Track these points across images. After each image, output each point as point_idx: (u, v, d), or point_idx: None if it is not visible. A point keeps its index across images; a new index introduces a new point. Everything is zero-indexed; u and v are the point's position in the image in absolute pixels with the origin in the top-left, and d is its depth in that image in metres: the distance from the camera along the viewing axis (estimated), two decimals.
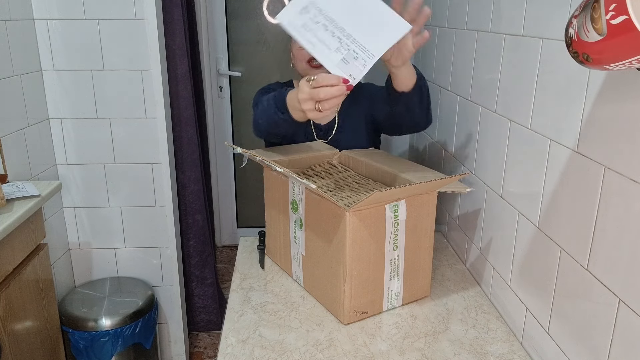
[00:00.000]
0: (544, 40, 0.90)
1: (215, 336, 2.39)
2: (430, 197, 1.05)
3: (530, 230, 0.95)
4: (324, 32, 0.95)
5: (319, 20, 0.95)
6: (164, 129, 1.90)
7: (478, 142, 1.20)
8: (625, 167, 0.68)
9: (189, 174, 2.14)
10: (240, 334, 1.00)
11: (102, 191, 1.96)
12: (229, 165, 3.07)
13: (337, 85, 0.92)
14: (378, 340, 0.98)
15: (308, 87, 0.96)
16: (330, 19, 0.94)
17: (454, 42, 1.36)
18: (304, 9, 0.96)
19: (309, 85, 0.96)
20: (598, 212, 0.75)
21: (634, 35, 0.48)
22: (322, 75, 0.93)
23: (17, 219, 1.32)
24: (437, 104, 1.50)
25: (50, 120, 1.87)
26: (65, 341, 1.79)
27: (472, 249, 1.25)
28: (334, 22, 0.94)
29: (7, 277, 1.35)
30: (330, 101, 0.94)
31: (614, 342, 0.72)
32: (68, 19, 1.77)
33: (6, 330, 1.33)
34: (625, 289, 0.69)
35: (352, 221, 0.95)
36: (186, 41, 2.02)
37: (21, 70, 1.68)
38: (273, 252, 1.28)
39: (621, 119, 0.69)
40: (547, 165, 0.89)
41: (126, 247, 2.04)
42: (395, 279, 1.05)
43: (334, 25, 0.94)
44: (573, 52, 0.59)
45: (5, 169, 1.55)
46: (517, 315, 1.01)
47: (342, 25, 0.94)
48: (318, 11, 0.95)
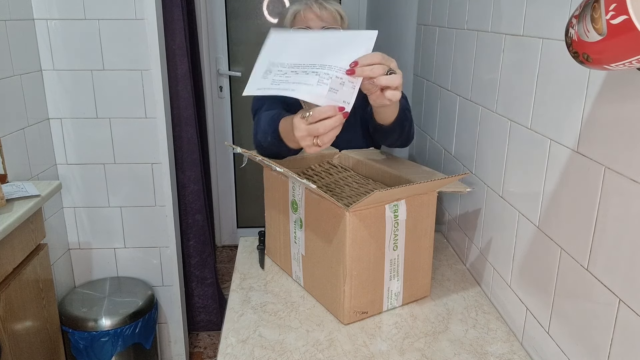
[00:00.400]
0: (544, 40, 0.90)
1: (215, 336, 2.39)
2: (430, 197, 1.05)
3: (530, 230, 0.95)
4: (296, 75, 0.90)
5: (285, 72, 0.92)
6: (164, 129, 1.90)
7: (478, 142, 1.20)
8: (625, 167, 0.68)
9: (189, 174, 2.14)
10: (240, 334, 1.00)
11: (102, 191, 1.96)
12: (229, 165, 3.08)
13: (333, 116, 0.87)
14: (378, 340, 0.98)
15: (305, 124, 0.90)
16: (296, 65, 0.92)
17: (454, 42, 1.36)
18: (266, 72, 0.93)
19: (305, 121, 0.90)
20: (598, 212, 0.75)
21: (634, 35, 0.48)
22: (317, 110, 0.88)
23: (17, 219, 1.32)
24: (437, 104, 1.50)
25: (50, 120, 1.87)
26: (65, 341, 1.79)
27: (472, 249, 1.25)
28: (301, 64, 0.91)
29: (7, 277, 1.35)
30: (329, 134, 0.89)
31: (614, 342, 0.72)
32: (68, 19, 1.77)
33: (6, 330, 1.33)
34: (626, 289, 0.69)
35: (352, 221, 0.95)
36: (186, 41, 2.02)
37: (21, 70, 1.68)
38: (273, 252, 1.28)
39: (621, 119, 0.69)
40: (547, 165, 0.89)
41: (126, 247, 2.04)
42: (395, 279, 1.05)
43: (303, 66, 0.91)
44: (573, 52, 0.59)
45: (5, 169, 1.55)
46: (517, 315, 1.01)
47: (311, 62, 0.91)
48: (280, 65, 0.93)
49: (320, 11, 1.31)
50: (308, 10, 1.32)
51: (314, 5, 1.32)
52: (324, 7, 1.32)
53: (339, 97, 0.88)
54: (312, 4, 1.32)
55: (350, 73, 0.88)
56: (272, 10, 2.84)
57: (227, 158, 3.06)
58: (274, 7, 2.83)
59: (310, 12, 1.31)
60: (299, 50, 0.94)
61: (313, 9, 1.31)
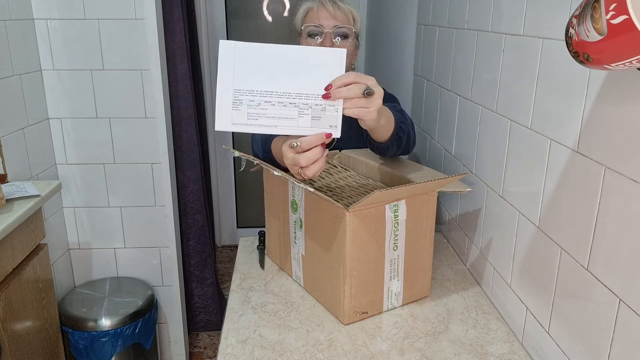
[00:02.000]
0: (544, 40, 0.90)
1: (215, 336, 2.39)
2: (430, 197, 1.05)
3: (531, 230, 0.95)
4: (273, 108, 0.87)
5: (258, 102, 0.87)
6: (164, 129, 1.90)
7: (478, 142, 1.20)
8: (625, 167, 0.68)
9: (189, 174, 2.14)
10: (240, 334, 1.00)
11: (102, 191, 1.96)
12: (228, 165, 3.08)
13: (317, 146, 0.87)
14: (378, 340, 0.98)
15: (292, 154, 0.89)
16: (268, 92, 0.87)
17: (454, 42, 1.35)
18: (236, 102, 0.87)
19: (293, 151, 0.88)
20: (598, 212, 0.75)
21: (634, 35, 0.48)
22: (305, 140, 0.87)
23: (17, 219, 1.32)
24: (437, 104, 1.50)
25: (50, 120, 1.86)
26: (65, 341, 1.79)
27: (472, 249, 1.25)
28: (274, 92, 0.87)
29: (7, 277, 1.35)
30: (312, 167, 0.88)
31: (614, 342, 0.72)
32: (68, 18, 1.77)
33: (6, 330, 1.33)
34: (626, 289, 0.69)
35: (352, 221, 0.95)
36: (186, 41, 2.02)
37: (21, 70, 1.68)
38: (273, 252, 1.28)
39: (621, 119, 0.69)
40: (547, 165, 0.89)
41: (126, 247, 2.04)
42: (395, 279, 1.05)
43: (277, 94, 0.87)
44: (573, 52, 0.59)
45: (5, 169, 1.55)
46: (517, 315, 1.01)
47: (284, 90, 0.86)
48: (249, 93, 0.87)
49: (335, 10, 1.27)
50: (322, 8, 1.28)
51: (328, 4, 1.28)
52: (338, 7, 1.28)
53: (324, 123, 0.87)
54: (327, 2, 1.28)
55: (327, 97, 0.86)
56: (272, 10, 2.84)
57: (227, 158, 3.06)
58: (274, 7, 2.83)
59: (324, 11, 1.27)
60: (266, 73, 0.87)
61: (327, 8, 1.27)
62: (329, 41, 1.27)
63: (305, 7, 1.31)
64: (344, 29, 1.28)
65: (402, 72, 1.93)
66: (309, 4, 1.31)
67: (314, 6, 1.29)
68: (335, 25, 1.27)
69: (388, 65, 2.20)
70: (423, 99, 1.65)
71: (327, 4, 1.28)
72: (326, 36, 1.26)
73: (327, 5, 1.28)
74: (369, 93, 0.86)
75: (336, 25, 1.27)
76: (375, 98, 0.87)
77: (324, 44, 1.27)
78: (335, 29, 1.27)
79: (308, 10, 1.30)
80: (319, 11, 1.28)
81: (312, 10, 1.29)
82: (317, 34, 1.28)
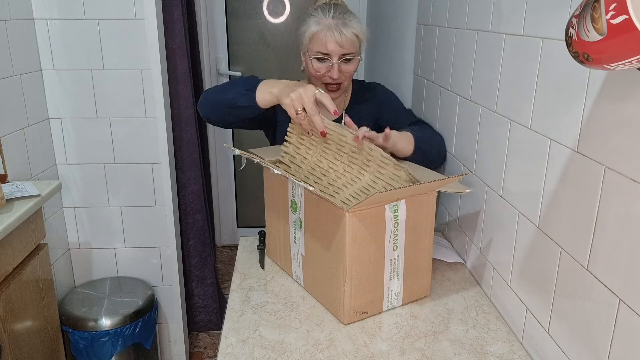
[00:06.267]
0: (544, 40, 0.90)
1: (215, 336, 2.39)
2: (430, 197, 1.05)
3: (531, 230, 0.95)
4: None
5: None
6: (164, 129, 1.90)
7: (478, 142, 1.20)
8: (625, 167, 0.68)
9: (189, 174, 2.14)
10: (240, 334, 1.00)
11: (102, 191, 1.96)
12: (229, 165, 3.08)
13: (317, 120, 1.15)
14: (378, 340, 0.98)
15: (312, 91, 1.15)
16: None
17: (454, 42, 1.35)
18: None
19: (315, 95, 1.16)
20: (598, 212, 0.75)
21: (634, 35, 0.48)
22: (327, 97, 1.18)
23: (17, 219, 1.32)
24: (437, 104, 1.50)
25: (50, 120, 1.87)
26: (65, 341, 1.79)
27: (472, 249, 1.25)
28: None
29: (7, 277, 1.35)
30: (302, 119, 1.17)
31: (614, 342, 0.72)
32: (68, 18, 1.77)
33: (6, 330, 1.33)
34: (626, 289, 0.69)
35: (352, 221, 0.95)
36: (186, 41, 2.02)
37: (21, 70, 1.68)
38: (273, 252, 1.28)
39: (621, 119, 0.69)
40: (547, 165, 0.89)
41: (126, 247, 2.04)
42: (395, 279, 1.05)
43: None
44: (573, 51, 0.59)
45: (5, 168, 1.55)
46: (517, 315, 1.01)
47: None
48: None
49: (341, 37, 1.29)
50: (329, 35, 1.29)
51: (334, 32, 1.29)
52: (342, 34, 1.29)
53: None
54: (332, 29, 1.29)
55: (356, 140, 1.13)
56: (272, 10, 2.84)
57: (227, 158, 3.06)
58: (274, 7, 2.83)
59: (331, 39, 1.29)
60: None
61: (334, 35, 1.29)
62: (336, 70, 1.33)
63: (310, 31, 1.32)
64: (349, 56, 1.33)
65: (402, 72, 1.93)
66: (314, 28, 1.31)
67: (319, 30, 1.30)
68: (341, 54, 1.31)
69: (388, 65, 2.19)
70: (423, 98, 1.65)
71: (333, 32, 1.29)
72: (333, 65, 1.32)
73: (334, 33, 1.29)
74: None
75: (343, 54, 1.32)
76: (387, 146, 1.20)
77: (331, 70, 1.33)
78: (342, 57, 1.32)
79: (313, 34, 1.31)
80: (326, 38, 1.29)
81: (317, 35, 1.30)
82: (324, 60, 1.33)
